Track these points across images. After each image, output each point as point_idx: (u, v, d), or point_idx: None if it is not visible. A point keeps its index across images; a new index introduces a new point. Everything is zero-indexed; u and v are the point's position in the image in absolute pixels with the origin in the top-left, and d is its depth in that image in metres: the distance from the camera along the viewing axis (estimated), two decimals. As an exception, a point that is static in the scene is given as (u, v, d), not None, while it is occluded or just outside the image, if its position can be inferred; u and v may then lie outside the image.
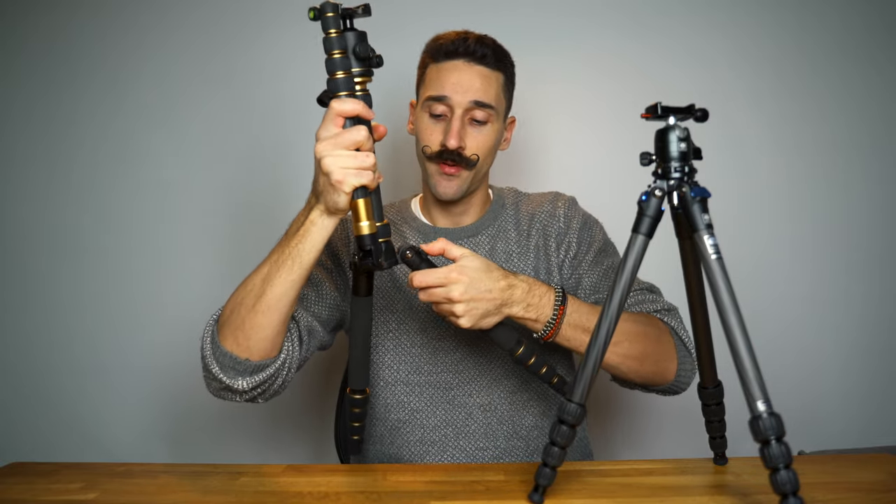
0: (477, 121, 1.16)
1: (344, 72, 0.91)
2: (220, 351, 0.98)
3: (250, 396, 1.02)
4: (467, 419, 1.17)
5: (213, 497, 0.91)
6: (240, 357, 0.98)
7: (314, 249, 0.95)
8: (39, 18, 1.74)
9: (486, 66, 1.16)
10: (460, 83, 1.14)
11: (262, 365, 0.99)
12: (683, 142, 0.83)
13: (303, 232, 0.94)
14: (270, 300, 0.95)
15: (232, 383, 0.98)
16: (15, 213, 1.75)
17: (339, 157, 0.88)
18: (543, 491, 0.85)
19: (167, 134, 1.73)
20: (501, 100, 1.19)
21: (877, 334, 1.68)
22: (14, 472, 1.05)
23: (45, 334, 1.74)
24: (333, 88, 0.91)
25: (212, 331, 1.01)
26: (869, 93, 1.68)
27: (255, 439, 1.73)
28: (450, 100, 1.14)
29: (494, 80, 1.17)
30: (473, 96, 1.14)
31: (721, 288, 0.78)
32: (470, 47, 1.15)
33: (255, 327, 0.96)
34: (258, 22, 1.69)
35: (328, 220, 0.93)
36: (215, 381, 1.00)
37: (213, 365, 0.99)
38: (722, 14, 1.69)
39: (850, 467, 1.00)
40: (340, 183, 0.88)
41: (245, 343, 0.97)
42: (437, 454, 1.16)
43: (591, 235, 1.24)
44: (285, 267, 0.95)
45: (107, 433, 1.72)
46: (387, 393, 1.19)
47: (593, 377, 0.84)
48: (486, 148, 1.17)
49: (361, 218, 0.92)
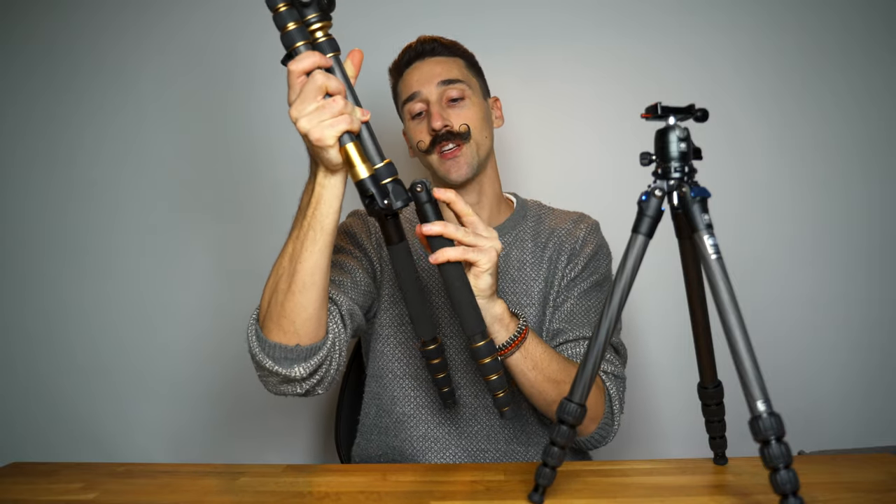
0: (453, 99, 1.21)
1: (294, 22, 0.85)
2: (268, 345, 0.96)
3: (310, 385, 0.99)
4: (471, 419, 1.18)
5: (213, 497, 0.91)
6: (290, 345, 0.96)
7: (332, 212, 0.92)
8: (39, 18, 1.74)
9: (439, 56, 1.24)
10: (422, 76, 1.22)
11: (313, 348, 0.97)
12: (683, 142, 0.83)
13: (315, 198, 0.92)
14: (304, 276, 0.93)
15: (289, 373, 0.96)
16: (15, 212, 1.75)
17: (311, 115, 0.85)
18: (543, 491, 0.85)
19: (168, 133, 1.73)
20: (470, 77, 1.25)
21: (877, 334, 1.67)
22: (14, 472, 1.05)
23: (45, 334, 1.74)
24: (288, 44, 0.86)
25: (255, 328, 0.98)
26: (869, 93, 1.68)
27: (255, 439, 1.73)
28: (420, 93, 1.21)
29: (453, 62, 1.24)
30: (438, 78, 1.21)
31: (721, 288, 0.78)
32: (418, 49, 1.24)
33: (296, 309, 0.94)
34: (259, 21, 1.69)
35: (333, 178, 0.91)
36: (272, 375, 0.98)
37: (265, 360, 0.96)
38: (722, 14, 1.69)
39: (850, 467, 1.00)
40: (320, 139, 0.85)
41: (291, 328, 0.95)
42: (439, 451, 1.17)
43: (596, 264, 1.24)
44: (308, 238, 0.93)
45: (107, 433, 1.72)
46: (395, 385, 1.20)
47: (593, 377, 0.84)
48: (472, 119, 1.21)
49: (354, 164, 0.87)
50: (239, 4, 1.71)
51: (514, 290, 1.21)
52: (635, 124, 0.96)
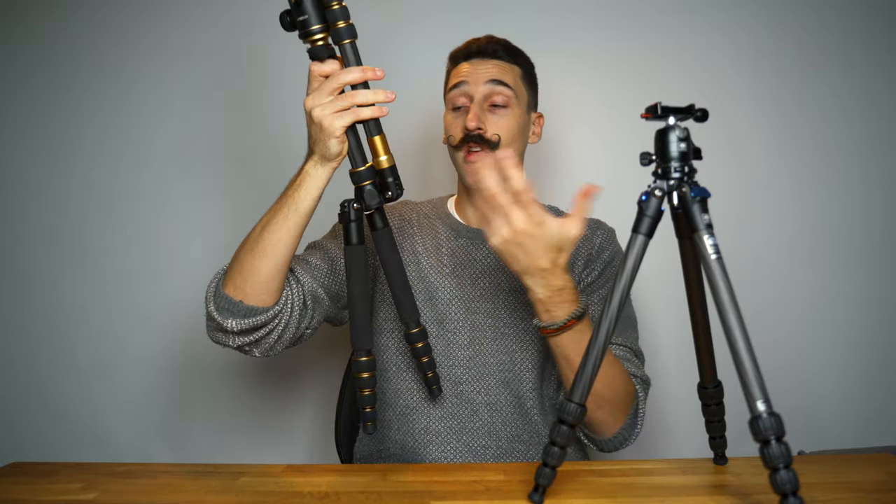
0: (496, 105, 1.21)
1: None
2: (219, 294, 1.05)
3: (242, 342, 1.06)
4: (472, 415, 1.18)
5: (213, 497, 0.92)
6: (234, 298, 1.03)
7: (309, 197, 1.01)
8: (39, 18, 1.74)
9: (499, 60, 1.24)
10: (476, 70, 1.22)
11: (254, 310, 1.04)
12: (683, 142, 0.83)
13: (298, 182, 1.01)
14: (267, 245, 1.02)
15: (223, 322, 1.04)
16: (15, 212, 1.75)
17: (325, 105, 0.95)
18: (543, 491, 0.85)
19: (168, 133, 1.73)
20: (521, 87, 1.25)
21: (877, 334, 1.67)
22: (14, 472, 1.05)
23: (45, 334, 1.74)
24: (317, 56, 0.97)
25: (219, 277, 1.08)
26: (869, 93, 1.68)
27: (255, 439, 1.73)
28: (467, 85, 1.21)
29: (510, 70, 1.24)
30: (489, 77, 1.21)
31: (721, 288, 0.78)
32: (482, 46, 1.24)
33: (251, 271, 1.02)
34: (258, 21, 1.70)
35: (321, 169, 1.00)
36: (211, 321, 1.07)
37: (210, 304, 1.05)
38: (722, 14, 1.69)
39: (850, 467, 1.00)
40: (330, 127, 0.94)
41: (241, 285, 1.03)
42: (440, 445, 1.18)
43: (612, 271, 1.25)
44: (281, 214, 1.01)
45: (107, 433, 1.72)
46: (398, 378, 1.21)
47: (593, 377, 0.84)
48: (507, 130, 1.20)
49: (380, 153, 0.98)
50: (239, 4, 1.71)
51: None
52: (635, 124, 0.96)
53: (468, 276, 1.23)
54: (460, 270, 1.24)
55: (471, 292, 1.22)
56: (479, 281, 1.23)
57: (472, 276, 1.23)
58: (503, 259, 0.96)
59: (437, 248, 1.26)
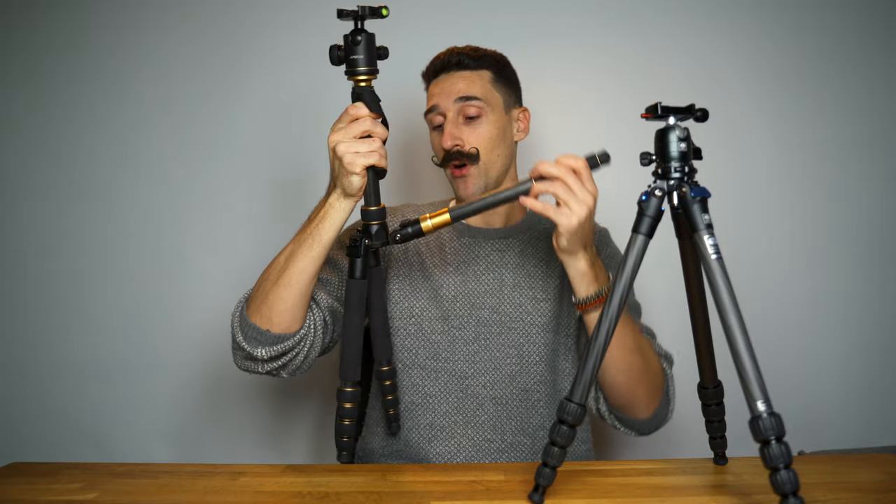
0: (470, 117, 1.22)
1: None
2: (245, 323, 1.07)
3: (271, 368, 1.10)
4: (478, 409, 1.19)
5: (213, 497, 0.92)
6: (261, 328, 1.06)
7: (332, 229, 1.04)
8: (39, 18, 1.74)
9: (466, 70, 1.24)
10: (444, 90, 1.24)
11: (281, 337, 1.06)
12: (683, 142, 0.83)
13: (322, 214, 1.04)
14: (292, 274, 1.05)
15: (252, 351, 1.07)
16: (15, 212, 1.75)
17: (349, 143, 0.99)
18: (543, 491, 0.85)
19: (168, 132, 1.73)
20: (492, 92, 1.25)
21: (877, 334, 1.67)
22: (14, 472, 1.05)
23: (45, 334, 1.74)
24: (361, 97, 1.01)
25: (241, 306, 1.10)
26: (869, 93, 1.68)
27: (255, 439, 1.73)
28: (439, 107, 1.23)
29: (478, 77, 1.24)
30: (457, 94, 1.22)
31: (721, 288, 0.78)
32: (447, 60, 1.25)
33: (276, 300, 1.05)
34: (259, 20, 1.70)
35: (345, 202, 1.03)
36: (240, 350, 1.09)
37: (238, 335, 1.08)
38: (722, 14, 1.68)
39: (850, 467, 1.00)
40: (351, 164, 0.98)
41: (267, 314, 1.06)
42: (445, 440, 1.18)
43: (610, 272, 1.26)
44: (306, 244, 1.05)
45: (107, 433, 1.72)
46: (404, 375, 1.22)
47: (593, 377, 0.84)
48: (484, 140, 1.22)
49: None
50: (239, 4, 1.71)
51: (532, 284, 1.24)
52: (635, 124, 0.96)
53: (472, 273, 1.25)
54: (464, 268, 1.25)
55: (475, 288, 1.23)
56: (482, 277, 1.24)
57: (476, 273, 1.25)
58: (571, 238, 1.00)
59: (440, 247, 1.28)
